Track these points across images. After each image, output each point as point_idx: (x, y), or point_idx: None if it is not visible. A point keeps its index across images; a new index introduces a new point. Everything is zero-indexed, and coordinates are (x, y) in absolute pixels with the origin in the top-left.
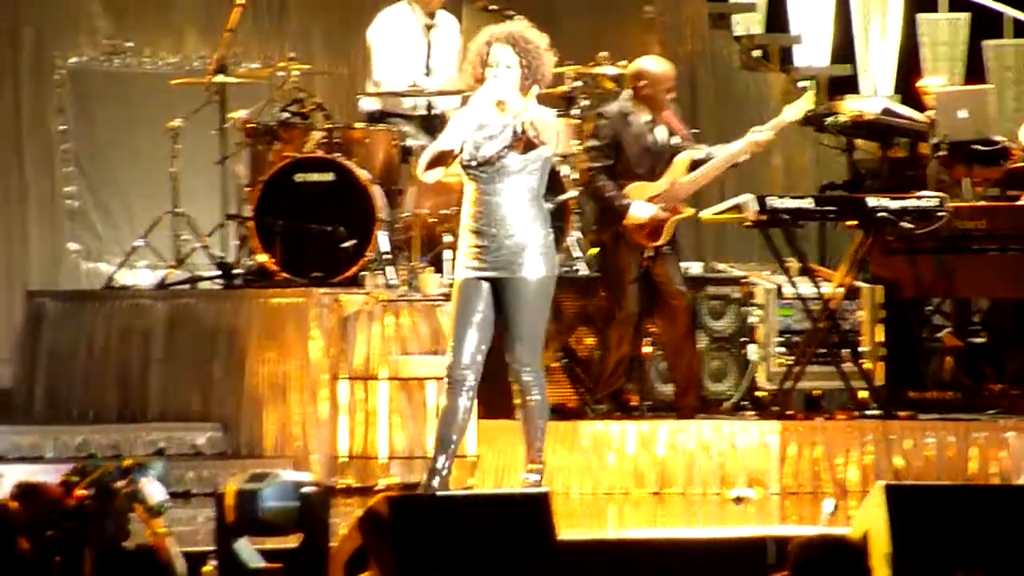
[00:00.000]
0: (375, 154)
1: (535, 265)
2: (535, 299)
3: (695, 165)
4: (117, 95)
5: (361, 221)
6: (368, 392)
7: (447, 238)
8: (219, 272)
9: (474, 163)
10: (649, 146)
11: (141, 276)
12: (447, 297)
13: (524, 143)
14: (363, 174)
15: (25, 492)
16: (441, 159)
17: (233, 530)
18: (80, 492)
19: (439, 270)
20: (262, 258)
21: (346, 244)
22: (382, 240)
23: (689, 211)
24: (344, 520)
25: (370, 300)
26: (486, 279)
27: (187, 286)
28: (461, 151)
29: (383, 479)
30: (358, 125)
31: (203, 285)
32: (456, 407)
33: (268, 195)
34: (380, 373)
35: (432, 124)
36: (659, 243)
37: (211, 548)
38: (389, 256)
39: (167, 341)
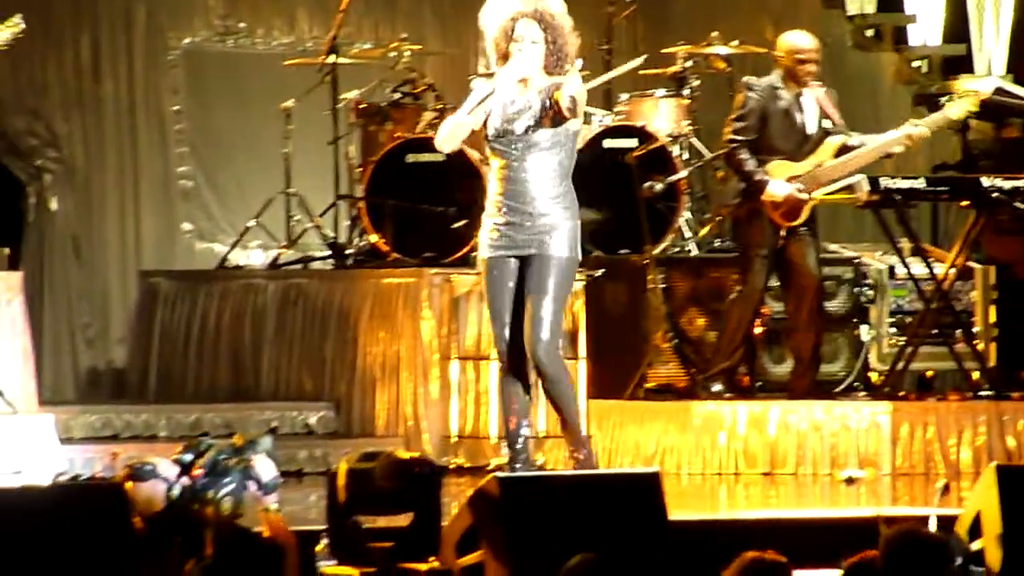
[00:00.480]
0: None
1: (562, 244)
2: (560, 279)
3: (844, 150)
4: (230, 76)
5: (472, 201)
6: (479, 372)
7: None
8: (331, 252)
9: (504, 139)
10: (796, 124)
11: (254, 256)
12: None
13: (552, 118)
14: (474, 154)
15: (141, 471)
16: (461, 132)
17: (345, 509)
18: (196, 472)
19: None
20: (373, 238)
21: (457, 224)
22: None
23: (831, 196)
24: (455, 500)
25: (480, 280)
26: (514, 257)
27: (299, 266)
28: (485, 126)
29: (494, 459)
30: None
31: (315, 265)
32: (513, 388)
33: (379, 175)
34: (491, 353)
35: None
36: (795, 224)
37: (323, 527)
38: None
39: (279, 321)
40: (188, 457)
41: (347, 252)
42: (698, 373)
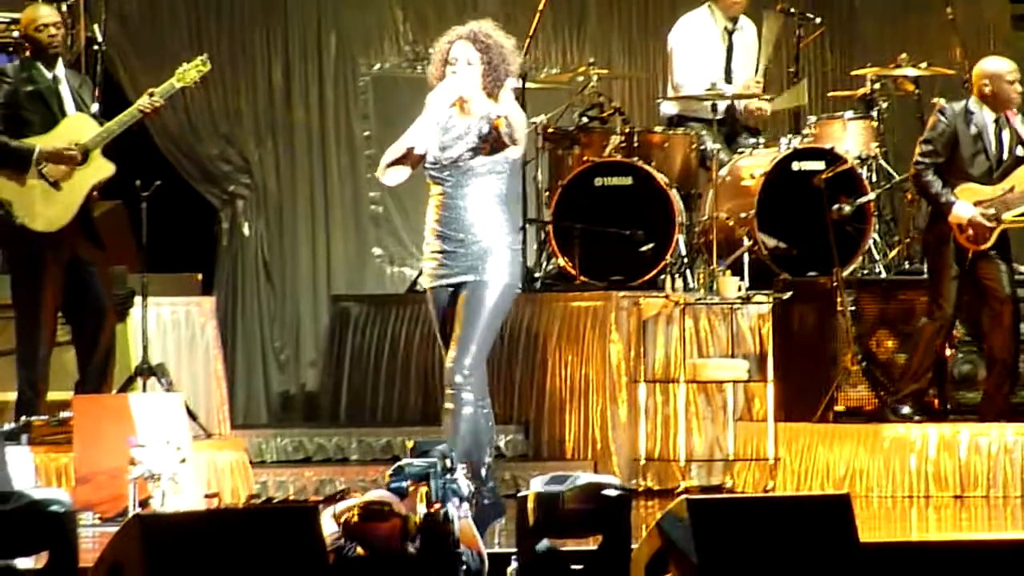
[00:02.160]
0: (674, 158)
1: (498, 271)
2: (492, 305)
3: None
4: (419, 101)
5: (660, 224)
6: (667, 394)
7: (746, 241)
8: (520, 276)
9: (439, 165)
10: (988, 148)
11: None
12: (746, 300)
13: (491, 145)
14: (662, 178)
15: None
16: (403, 160)
17: (535, 531)
18: (435, 507)
19: (738, 273)
20: (562, 262)
21: (645, 248)
22: (680, 243)
23: (1015, 220)
24: (644, 522)
25: (669, 303)
26: (452, 285)
27: None
28: (426, 153)
29: (683, 481)
30: (657, 129)
31: None
32: (459, 418)
33: (567, 199)
34: (679, 376)
35: (732, 128)
36: (982, 247)
37: (514, 550)
38: (687, 259)
39: None
40: (404, 484)
41: (536, 276)
42: (887, 395)
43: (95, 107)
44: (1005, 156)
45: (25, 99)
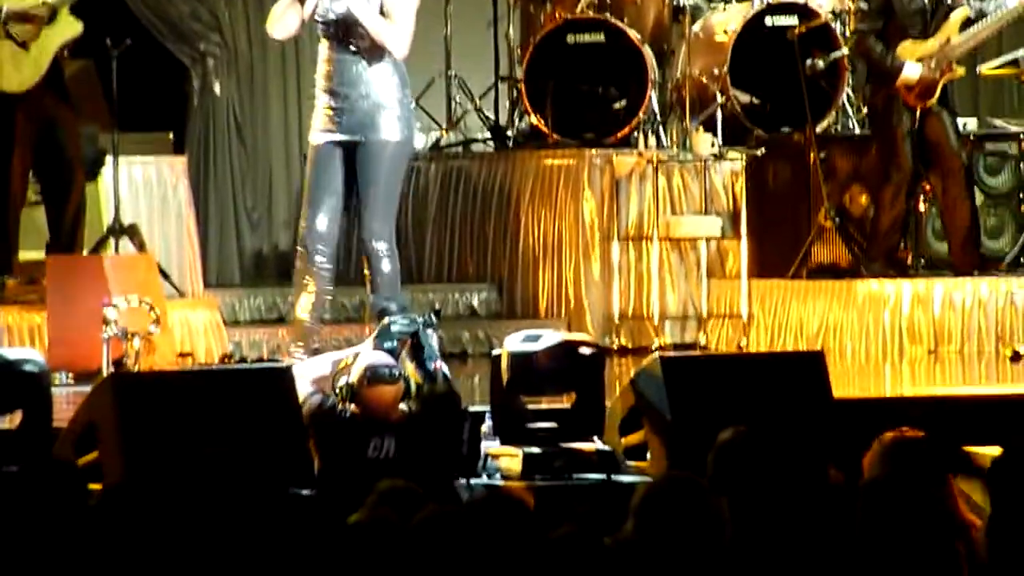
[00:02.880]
0: (646, 14)
1: (391, 127)
2: (391, 163)
3: (968, 23)
4: None
5: (632, 82)
6: (641, 252)
7: (719, 97)
8: (491, 134)
9: (326, 19)
10: (921, 6)
11: (415, 138)
12: (719, 157)
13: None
14: (634, 34)
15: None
16: (291, 15)
17: (509, 389)
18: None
19: (711, 130)
20: (534, 120)
21: (617, 105)
22: (654, 100)
23: (960, 71)
24: (618, 380)
25: (642, 161)
26: (340, 143)
27: (460, 148)
28: (316, 7)
29: (656, 339)
30: None
31: (476, 147)
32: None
33: (539, 56)
34: (652, 233)
35: None
36: (930, 103)
37: (487, 408)
38: (660, 116)
39: (441, 203)
40: (394, 343)
41: (508, 134)
42: (861, 252)
43: None
44: (936, 8)
45: None
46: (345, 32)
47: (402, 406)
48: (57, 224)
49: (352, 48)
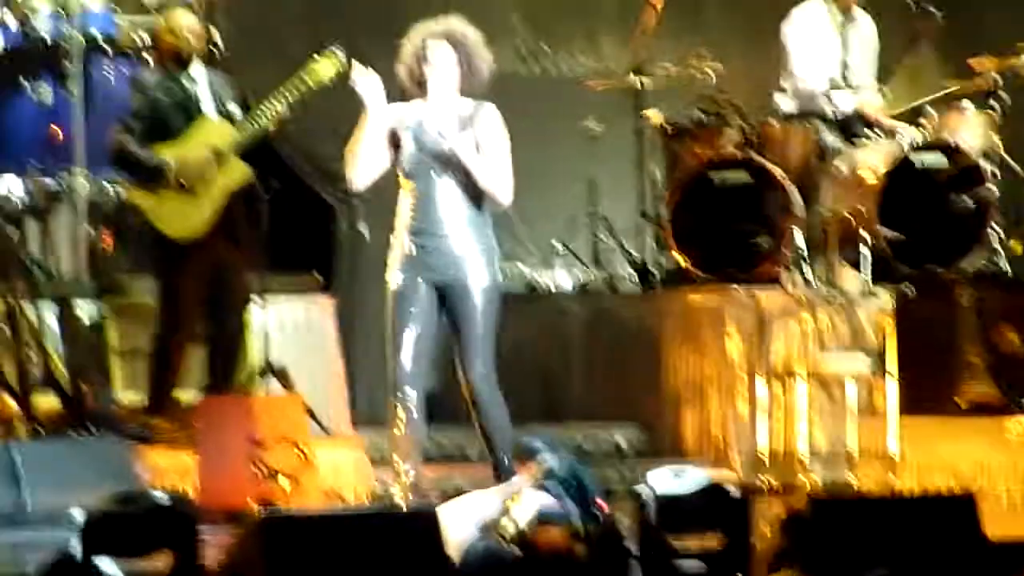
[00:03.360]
0: (791, 152)
1: (479, 270)
2: (484, 304)
3: None
4: (534, 98)
5: (777, 219)
6: (787, 390)
7: (866, 235)
8: (636, 273)
9: (413, 160)
10: None
11: (560, 278)
12: (866, 294)
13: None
14: (779, 172)
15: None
16: (378, 157)
17: (655, 529)
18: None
19: (858, 267)
20: (679, 258)
21: (763, 242)
22: (799, 238)
23: None
24: (766, 519)
25: (788, 298)
26: (425, 283)
27: (605, 287)
28: (399, 152)
29: (804, 478)
30: (774, 124)
31: (621, 286)
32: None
33: (684, 195)
34: (799, 371)
35: (849, 123)
36: None
37: (635, 546)
38: (806, 254)
39: (586, 342)
40: (560, 487)
41: (653, 273)
42: (1011, 389)
43: (234, 107)
44: None
45: (163, 107)
46: (439, 171)
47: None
48: (214, 366)
49: (442, 187)
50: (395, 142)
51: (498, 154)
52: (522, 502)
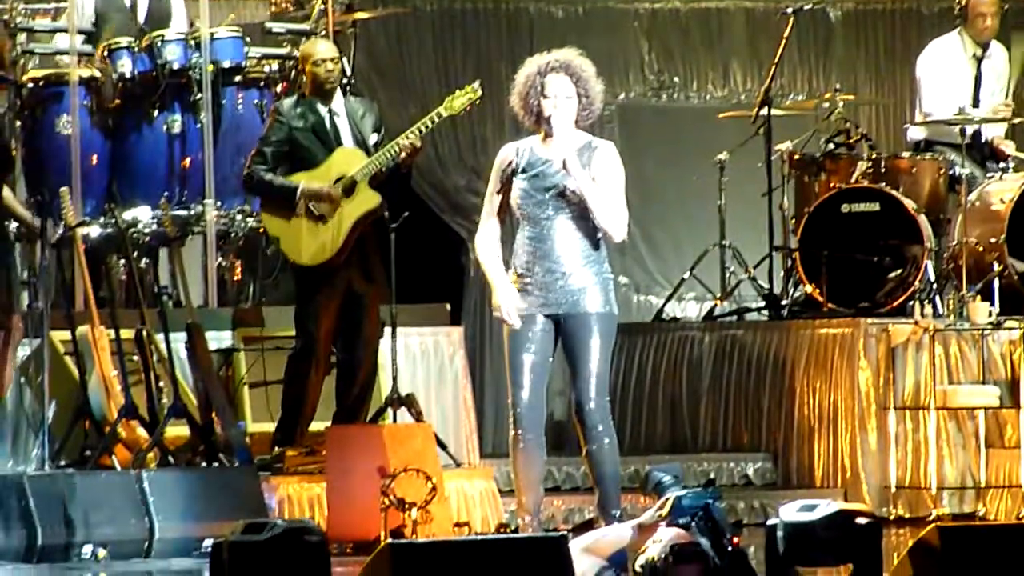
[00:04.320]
0: (922, 183)
1: (595, 301)
2: (600, 335)
3: None
4: (665, 129)
5: (908, 250)
6: (917, 422)
7: (996, 266)
8: (766, 303)
9: (531, 200)
10: None
11: (689, 308)
12: (996, 326)
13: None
14: (909, 203)
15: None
16: (494, 224)
17: (785, 560)
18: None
19: (988, 298)
20: (809, 288)
21: (893, 274)
22: (929, 269)
23: None
24: (895, 551)
25: (918, 329)
26: (541, 316)
27: (734, 317)
28: (512, 188)
29: (934, 509)
30: (905, 154)
31: (750, 316)
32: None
33: (814, 225)
34: (929, 403)
35: (980, 154)
36: None
37: None
38: (937, 285)
39: (715, 372)
40: (687, 518)
41: (782, 303)
42: None
43: (375, 136)
44: None
45: (301, 136)
46: (556, 206)
47: None
48: (345, 396)
49: (559, 223)
50: (509, 181)
51: (615, 191)
52: (654, 536)
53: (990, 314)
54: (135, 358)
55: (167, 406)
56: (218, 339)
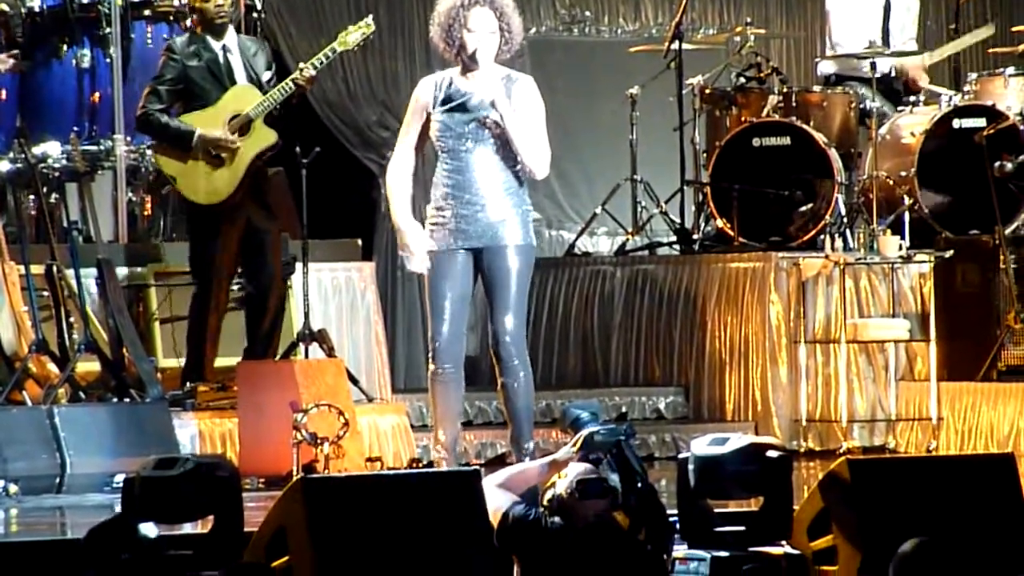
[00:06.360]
0: (832, 117)
1: (515, 234)
2: (518, 266)
3: None
4: (576, 64)
5: (819, 184)
6: (828, 355)
7: (906, 200)
8: (677, 237)
9: (451, 133)
10: None
11: (601, 243)
12: (906, 259)
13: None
14: (820, 137)
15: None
16: (408, 151)
17: (696, 493)
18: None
19: (898, 232)
20: (720, 223)
21: (804, 208)
22: (840, 203)
23: None
24: (806, 484)
25: (829, 263)
26: (461, 250)
27: (646, 252)
28: (428, 122)
29: (844, 442)
30: (815, 89)
31: (662, 251)
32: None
33: (725, 160)
34: (840, 336)
35: (890, 88)
36: None
37: (673, 511)
38: (847, 219)
39: (627, 307)
40: (595, 455)
41: (694, 237)
42: None
43: (267, 74)
44: None
45: (194, 73)
46: (477, 139)
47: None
48: (255, 330)
49: (479, 156)
50: (427, 115)
51: (536, 126)
52: (563, 471)
53: (900, 247)
54: (45, 294)
55: (78, 342)
56: (128, 275)
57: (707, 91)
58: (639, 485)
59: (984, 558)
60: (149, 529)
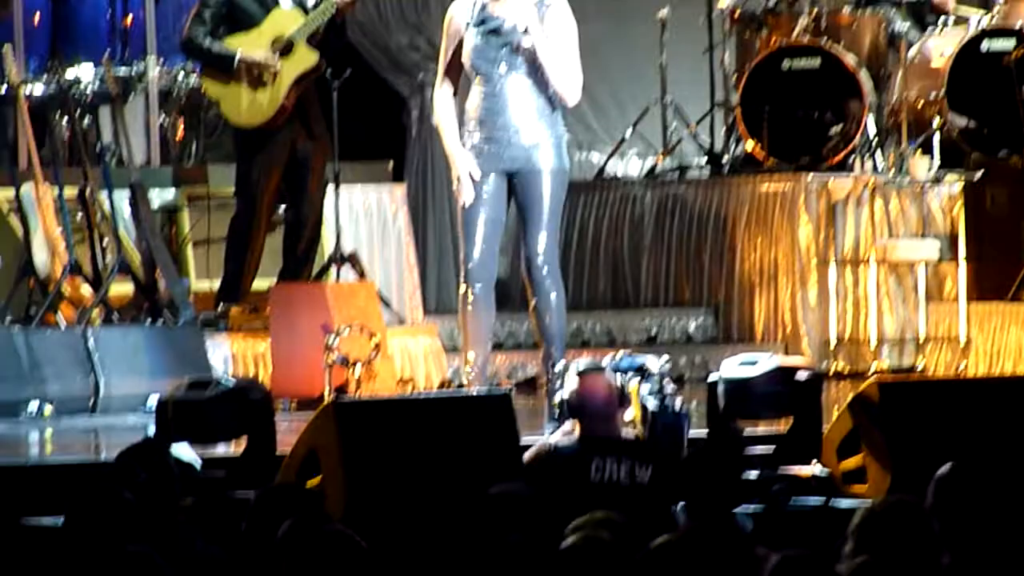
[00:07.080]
0: (862, 39)
1: (548, 158)
2: (552, 193)
3: None
4: None
5: (848, 106)
6: (857, 276)
7: (936, 121)
8: (707, 159)
9: (485, 58)
10: None
11: (631, 165)
12: (936, 181)
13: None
14: (850, 59)
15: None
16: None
17: (725, 414)
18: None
19: (928, 153)
20: (750, 145)
21: (834, 129)
22: (870, 124)
23: None
24: (835, 404)
25: (858, 185)
26: (495, 173)
27: (676, 174)
28: (464, 48)
29: (874, 363)
30: (845, 10)
31: (691, 173)
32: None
33: (755, 82)
34: (869, 257)
35: (919, 10)
36: None
37: (704, 432)
38: (877, 140)
39: (657, 229)
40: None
41: (724, 159)
42: None
43: None
44: None
45: None
46: (510, 65)
47: (632, 431)
48: (292, 253)
49: (513, 81)
50: (460, 37)
51: (569, 51)
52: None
53: (930, 169)
54: (79, 216)
55: (111, 264)
56: (161, 197)
57: (737, 13)
58: (667, 405)
59: (1014, 480)
60: (183, 450)
